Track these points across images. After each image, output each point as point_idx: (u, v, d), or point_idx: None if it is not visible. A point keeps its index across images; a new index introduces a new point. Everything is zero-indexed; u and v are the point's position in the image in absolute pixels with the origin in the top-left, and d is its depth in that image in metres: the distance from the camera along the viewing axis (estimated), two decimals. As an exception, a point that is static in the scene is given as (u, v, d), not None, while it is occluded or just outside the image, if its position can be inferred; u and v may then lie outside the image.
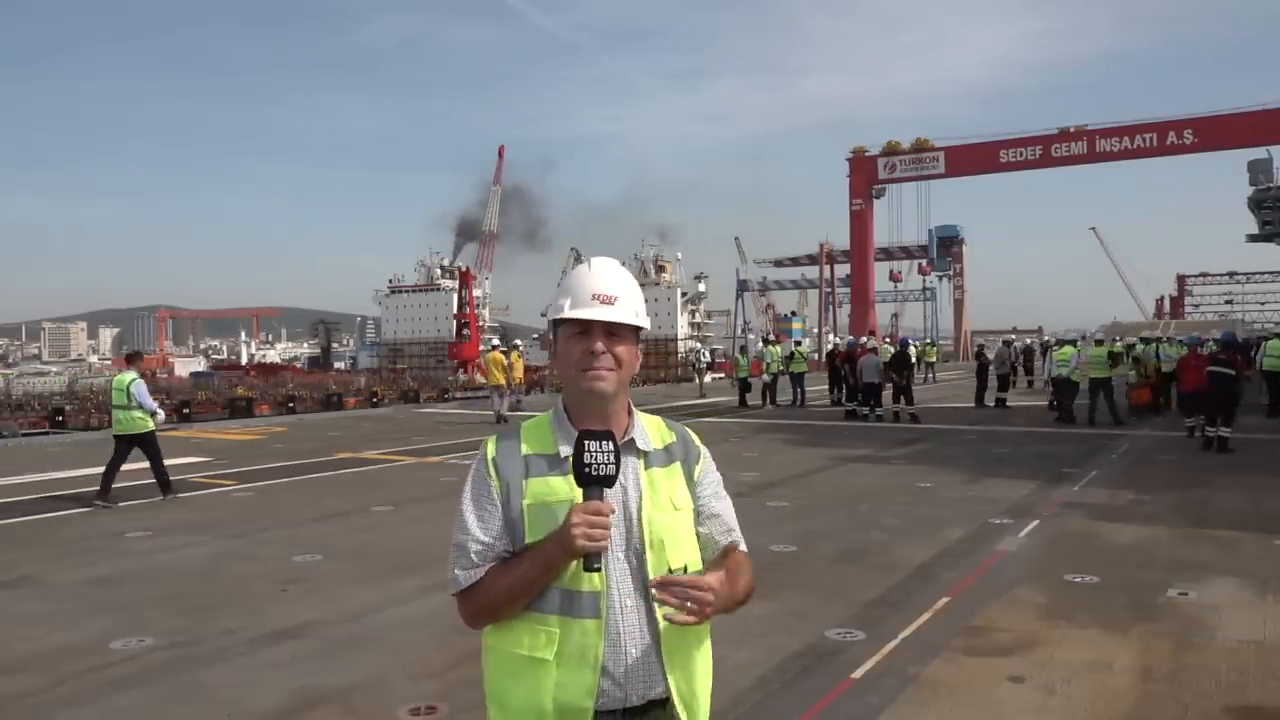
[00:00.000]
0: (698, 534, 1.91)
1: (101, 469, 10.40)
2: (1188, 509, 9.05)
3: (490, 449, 1.87)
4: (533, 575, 1.74)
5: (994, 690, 4.52)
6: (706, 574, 1.79)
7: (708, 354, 31.21)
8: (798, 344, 31.65)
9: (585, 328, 1.81)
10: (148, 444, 10.54)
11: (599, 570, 1.71)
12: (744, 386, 24.26)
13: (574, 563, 1.71)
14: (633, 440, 1.86)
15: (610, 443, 1.70)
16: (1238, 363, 13.70)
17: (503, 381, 21.36)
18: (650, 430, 1.92)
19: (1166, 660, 4.89)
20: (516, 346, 25.17)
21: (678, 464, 1.90)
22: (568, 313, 1.83)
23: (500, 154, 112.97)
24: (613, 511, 1.71)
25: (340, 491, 11.08)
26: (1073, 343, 18.72)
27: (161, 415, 11.17)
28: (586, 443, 1.70)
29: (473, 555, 1.80)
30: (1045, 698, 4.42)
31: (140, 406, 10.46)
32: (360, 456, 14.40)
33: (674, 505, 1.84)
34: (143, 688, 4.76)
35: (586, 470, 1.69)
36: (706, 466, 1.97)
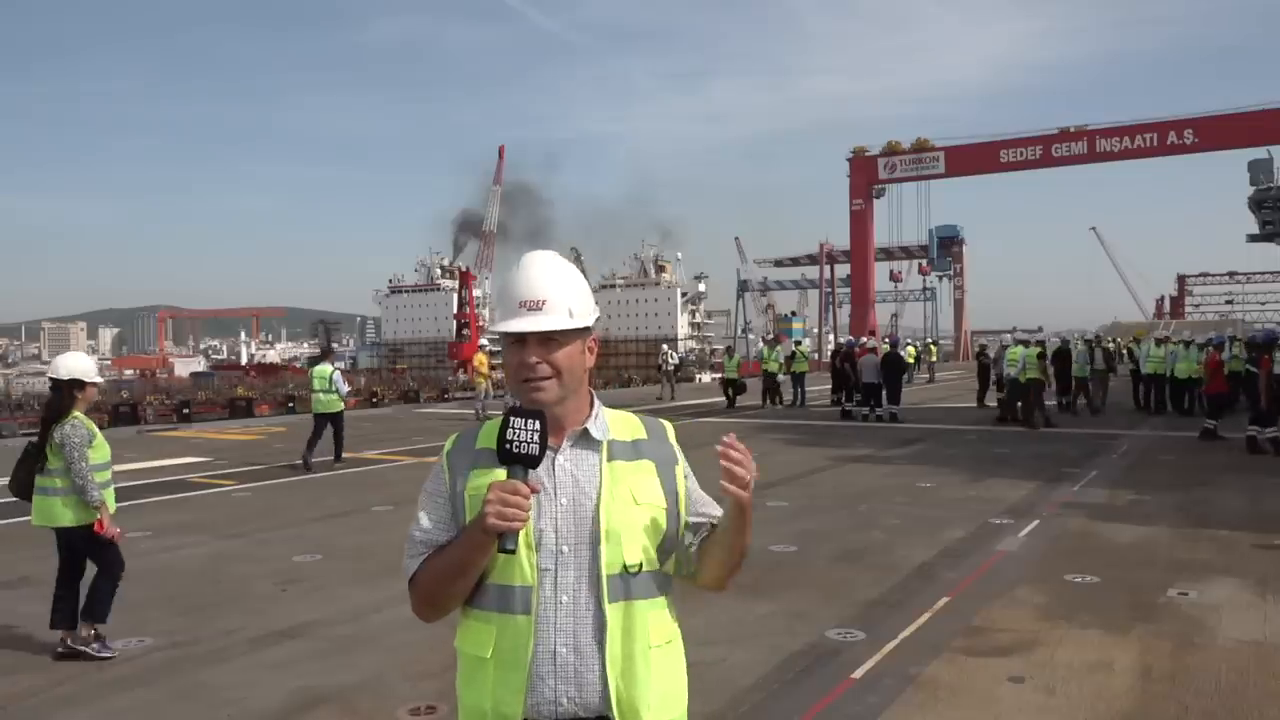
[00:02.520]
0: (691, 526, 1.85)
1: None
2: (1188, 509, 9.05)
3: (448, 444, 1.90)
4: (456, 556, 1.71)
5: (994, 690, 4.51)
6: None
7: (674, 356, 30.13)
8: (798, 344, 31.50)
9: (519, 337, 1.75)
10: (338, 420, 13.28)
11: (512, 552, 1.64)
12: (733, 387, 23.54)
13: (503, 555, 1.66)
14: (587, 430, 1.79)
15: (536, 421, 1.64)
16: (1263, 362, 13.76)
17: (485, 382, 21.46)
18: (615, 423, 1.84)
19: (1166, 660, 4.89)
20: (484, 346, 24.10)
21: (649, 462, 1.82)
22: (497, 326, 1.78)
23: (500, 154, 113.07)
24: (535, 491, 1.66)
25: (340, 491, 11.07)
26: (1025, 344, 19.00)
27: (346, 392, 13.90)
28: (511, 419, 1.65)
29: (418, 544, 1.81)
30: (1045, 698, 4.42)
31: (338, 391, 13.21)
32: (360, 456, 14.39)
33: (635, 499, 1.76)
34: (143, 688, 4.77)
35: (508, 447, 1.63)
36: (686, 470, 1.89)
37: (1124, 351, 26.82)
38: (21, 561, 7.57)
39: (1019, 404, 17.42)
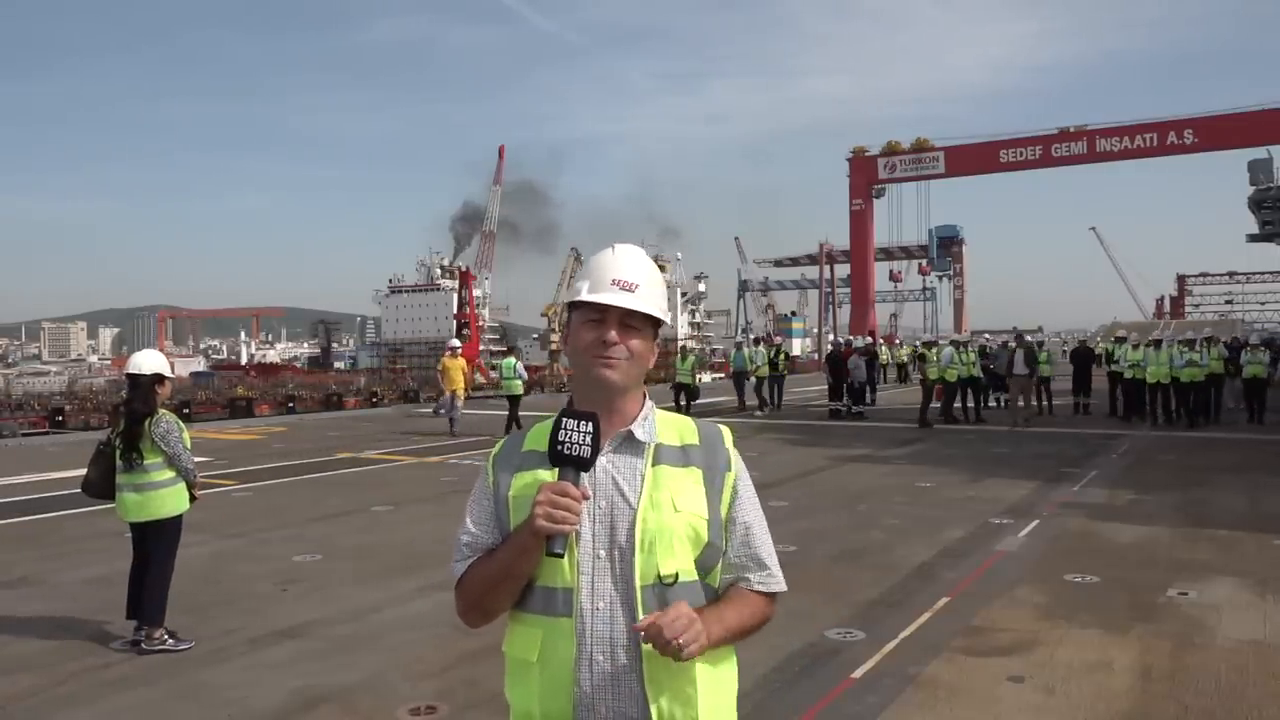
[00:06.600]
0: (727, 561, 1.77)
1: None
2: (1188, 509, 9.06)
3: (495, 448, 1.86)
4: (505, 559, 1.68)
5: (994, 690, 4.52)
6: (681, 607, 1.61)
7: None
8: (767, 341, 29.01)
9: (600, 314, 1.71)
10: (516, 400, 17.54)
11: (560, 556, 1.62)
12: (686, 393, 21.16)
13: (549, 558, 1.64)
14: (631, 432, 1.73)
15: (589, 423, 1.61)
16: None
17: (459, 387, 18.87)
18: (664, 425, 1.78)
19: (1166, 660, 4.89)
20: (456, 348, 19.56)
21: (697, 469, 1.74)
22: (584, 295, 1.72)
23: (500, 154, 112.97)
24: (586, 497, 1.62)
25: (340, 491, 11.07)
26: (954, 344, 19.19)
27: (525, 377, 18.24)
28: (564, 420, 1.62)
29: (464, 547, 1.78)
30: (1045, 698, 4.42)
31: (520, 378, 17.86)
32: (360, 456, 14.40)
33: (675, 506, 1.69)
34: (143, 688, 4.77)
35: (559, 449, 1.61)
36: (740, 482, 1.80)
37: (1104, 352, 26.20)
38: (21, 561, 7.57)
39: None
